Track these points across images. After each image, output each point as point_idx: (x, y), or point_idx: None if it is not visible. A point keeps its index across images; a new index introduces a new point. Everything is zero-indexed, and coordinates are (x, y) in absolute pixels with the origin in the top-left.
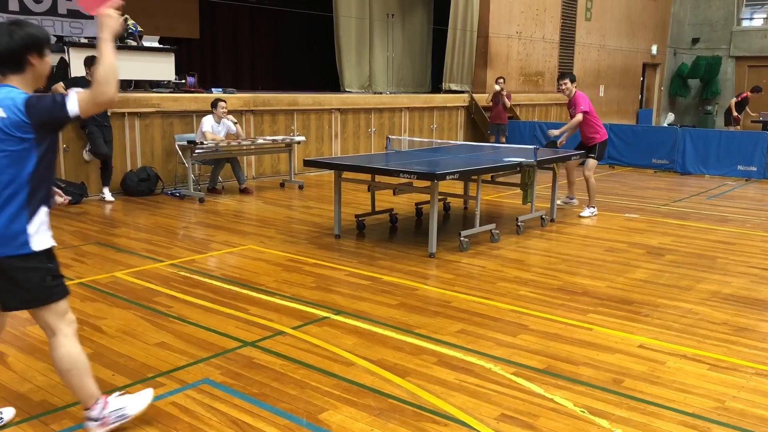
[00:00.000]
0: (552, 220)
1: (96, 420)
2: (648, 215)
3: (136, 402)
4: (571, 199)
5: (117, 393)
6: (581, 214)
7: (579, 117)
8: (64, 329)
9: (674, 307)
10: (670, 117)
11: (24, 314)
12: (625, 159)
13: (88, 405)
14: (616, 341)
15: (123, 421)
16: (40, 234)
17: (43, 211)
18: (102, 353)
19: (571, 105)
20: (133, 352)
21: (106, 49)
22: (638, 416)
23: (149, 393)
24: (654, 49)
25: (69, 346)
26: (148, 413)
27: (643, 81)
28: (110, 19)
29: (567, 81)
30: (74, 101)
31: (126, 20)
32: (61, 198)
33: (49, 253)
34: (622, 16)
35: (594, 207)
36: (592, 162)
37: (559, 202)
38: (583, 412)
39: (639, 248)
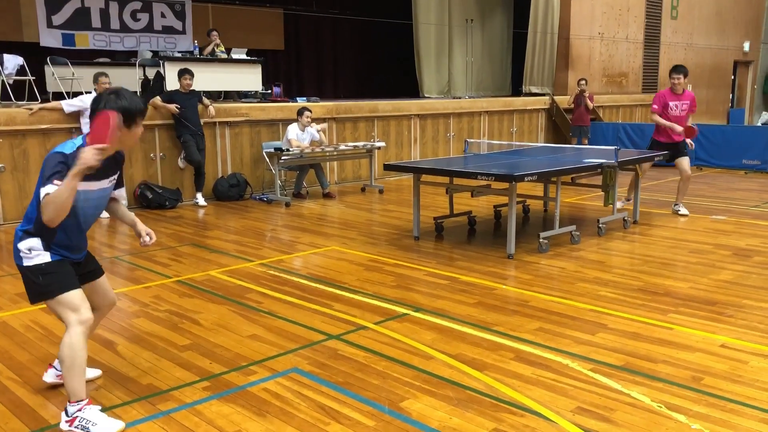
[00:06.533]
0: (635, 222)
1: (68, 415)
2: (736, 217)
3: (105, 425)
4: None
5: (99, 408)
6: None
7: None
8: (73, 325)
9: (760, 308)
10: (765, 116)
11: (131, 308)
12: (714, 160)
13: (70, 399)
14: (696, 340)
15: None
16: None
17: (35, 240)
18: (200, 344)
19: None
20: (228, 343)
21: (68, 182)
22: (717, 413)
23: (120, 425)
24: (746, 45)
25: (72, 339)
26: (243, 398)
27: (734, 80)
28: (90, 153)
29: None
30: (48, 192)
31: (216, 47)
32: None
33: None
34: (711, 13)
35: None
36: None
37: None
38: (660, 407)
39: (725, 250)
